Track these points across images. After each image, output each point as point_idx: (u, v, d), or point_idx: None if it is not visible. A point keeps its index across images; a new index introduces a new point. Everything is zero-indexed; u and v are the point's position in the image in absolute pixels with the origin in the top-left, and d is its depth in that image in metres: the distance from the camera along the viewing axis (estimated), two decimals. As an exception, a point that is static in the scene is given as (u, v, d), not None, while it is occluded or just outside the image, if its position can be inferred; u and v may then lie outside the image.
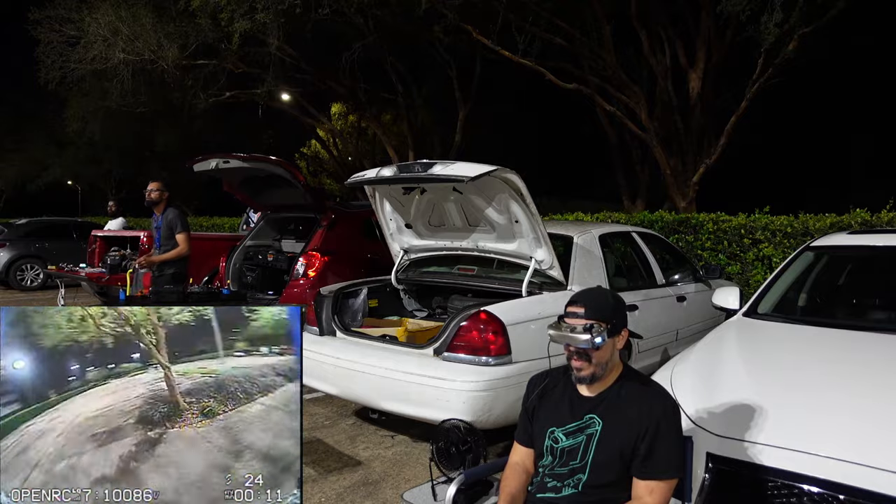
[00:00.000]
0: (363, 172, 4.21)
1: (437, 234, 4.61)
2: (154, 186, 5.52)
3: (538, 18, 11.35)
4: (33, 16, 13.85)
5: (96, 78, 14.66)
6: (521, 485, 2.04)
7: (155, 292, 5.11)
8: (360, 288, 4.76)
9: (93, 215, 22.68)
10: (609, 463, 1.90)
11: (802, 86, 13.47)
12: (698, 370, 2.70)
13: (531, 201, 3.82)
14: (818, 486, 1.92)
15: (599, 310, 1.92)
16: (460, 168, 3.59)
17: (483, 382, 3.45)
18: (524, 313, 3.73)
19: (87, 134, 19.02)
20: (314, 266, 6.19)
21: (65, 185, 33.76)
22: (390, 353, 3.89)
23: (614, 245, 4.96)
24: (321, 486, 3.52)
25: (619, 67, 11.61)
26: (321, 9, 10.80)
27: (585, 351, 1.90)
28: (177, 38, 12.98)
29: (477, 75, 15.62)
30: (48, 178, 27.95)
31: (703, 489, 2.11)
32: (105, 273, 7.84)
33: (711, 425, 2.23)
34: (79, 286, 8.67)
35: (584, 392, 2.00)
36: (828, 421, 2.14)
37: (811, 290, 3.69)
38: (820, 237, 4.06)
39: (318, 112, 18.40)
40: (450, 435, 2.38)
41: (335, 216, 6.60)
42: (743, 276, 7.13)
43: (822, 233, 6.08)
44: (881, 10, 11.33)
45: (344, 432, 4.42)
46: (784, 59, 9.35)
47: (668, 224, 7.82)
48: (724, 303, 3.65)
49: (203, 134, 19.84)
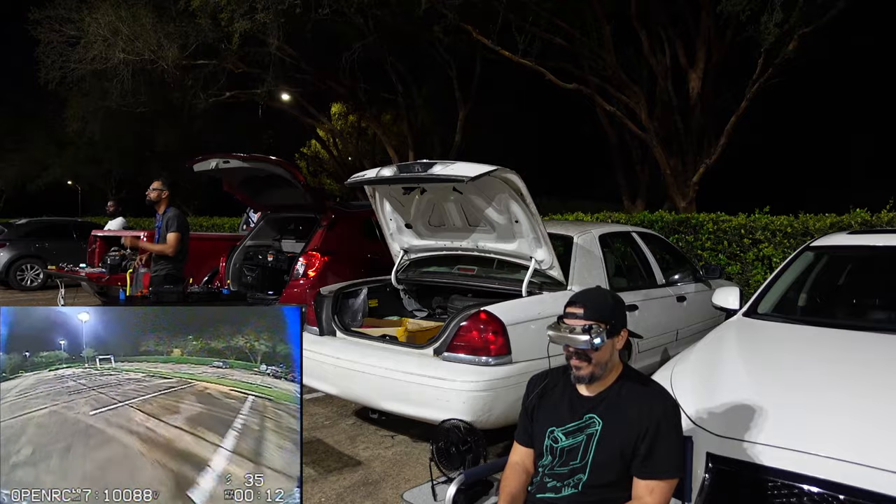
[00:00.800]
0: (363, 172, 4.21)
1: (437, 234, 4.61)
2: (154, 186, 5.50)
3: (538, 18, 11.35)
4: (33, 16, 13.86)
5: (96, 78, 14.67)
6: (521, 485, 2.04)
7: (155, 292, 5.10)
8: (360, 288, 4.75)
9: (93, 215, 22.67)
10: (609, 463, 1.89)
11: (802, 86, 13.47)
12: (698, 370, 2.70)
13: (531, 201, 3.82)
14: (818, 486, 1.92)
15: (598, 310, 1.92)
16: (460, 168, 3.59)
17: (483, 382, 3.45)
18: (524, 313, 3.73)
19: (87, 134, 19.03)
20: (314, 266, 6.19)
21: (65, 185, 33.76)
22: (390, 353, 3.89)
23: (614, 245, 4.96)
24: (321, 486, 3.52)
25: (619, 67, 11.62)
26: (321, 9, 10.80)
27: (585, 351, 1.90)
28: (177, 38, 12.98)
29: (477, 75, 15.63)
30: (48, 178, 27.95)
31: (703, 489, 2.11)
32: (105, 273, 7.83)
33: (711, 425, 2.23)
34: (79, 286, 8.67)
35: (584, 392, 2.00)
36: (828, 421, 2.14)
37: (811, 290, 3.69)
38: (820, 237, 4.06)
39: (318, 112, 18.41)
40: (450, 435, 2.38)
41: (335, 216, 6.60)
42: (743, 276, 7.13)
43: (822, 233, 6.08)
44: (881, 10, 11.33)
45: (344, 432, 4.42)
46: (784, 59, 9.35)
47: (668, 224, 7.82)
48: (724, 303, 3.65)
49: (203, 134, 19.84)
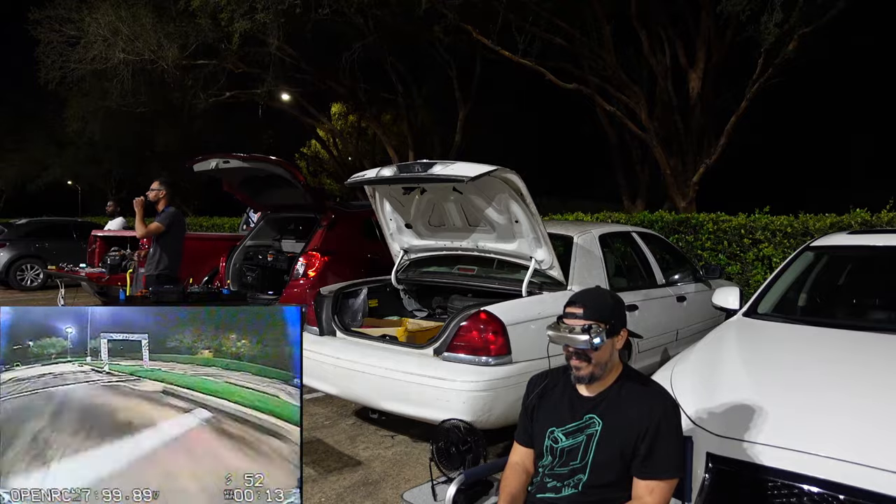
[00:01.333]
0: (363, 172, 4.21)
1: (437, 234, 4.61)
2: (152, 186, 5.55)
3: (538, 18, 11.35)
4: (33, 16, 13.85)
5: (96, 78, 14.66)
6: (521, 485, 2.04)
7: (155, 292, 5.10)
8: (360, 288, 4.75)
9: (93, 215, 22.67)
10: (609, 463, 1.90)
11: (802, 86, 13.46)
12: (698, 370, 2.70)
13: (531, 201, 3.82)
14: (818, 486, 1.92)
15: (598, 310, 1.92)
16: (460, 168, 3.59)
17: (483, 382, 3.45)
18: (524, 313, 3.73)
19: (87, 134, 19.02)
20: (314, 266, 6.19)
21: (65, 185, 33.75)
22: (390, 353, 3.89)
23: (614, 245, 4.96)
24: (321, 486, 3.52)
25: (619, 67, 11.61)
26: (321, 9, 10.80)
27: (584, 351, 1.90)
28: (177, 38, 12.98)
29: (477, 75, 15.62)
30: (48, 178, 27.95)
31: (703, 489, 2.11)
32: (105, 273, 7.84)
33: (711, 425, 2.23)
34: (79, 286, 8.67)
35: (584, 392, 2.00)
36: (828, 421, 2.14)
37: (811, 290, 3.69)
38: (820, 237, 4.06)
39: (318, 112, 18.41)
40: (450, 435, 2.38)
41: (335, 216, 6.60)
42: (743, 276, 7.13)
43: (822, 233, 6.08)
44: (881, 10, 11.33)
45: (344, 432, 4.42)
46: (784, 59, 9.35)
47: (668, 224, 7.82)
48: (724, 303, 3.65)
49: (203, 134, 19.84)
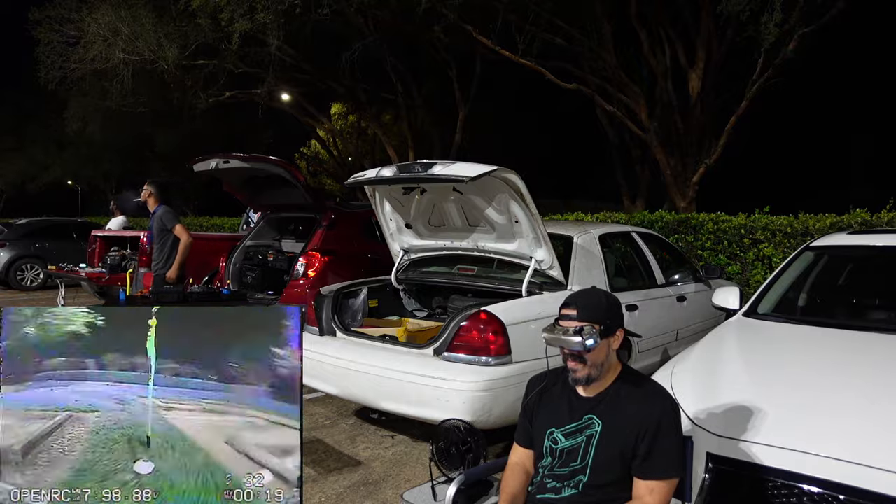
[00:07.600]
0: (363, 172, 4.21)
1: (437, 234, 4.61)
2: (143, 187, 5.59)
3: (538, 18, 11.34)
4: (33, 16, 13.88)
5: (96, 78, 14.65)
6: (521, 485, 2.04)
7: (155, 292, 5.11)
8: (360, 288, 4.75)
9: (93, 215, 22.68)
10: (609, 463, 1.89)
11: (802, 86, 13.47)
12: (698, 370, 2.70)
13: (531, 201, 3.81)
14: (818, 486, 1.92)
15: (592, 311, 1.91)
16: (460, 168, 3.59)
17: (483, 382, 3.45)
18: (524, 313, 3.73)
19: (87, 134, 19.04)
20: (314, 266, 6.19)
21: (65, 185, 33.76)
22: (390, 353, 3.89)
23: (614, 245, 4.96)
24: (321, 486, 3.52)
25: (619, 67, 11.62)
26: (321, 9, 10.79)
27: (579, 353, 1.90)
28: (177, 38, 12.97)
29: (477, 75, 15.62)
30: (48, 178, 27.99)
31: (703, 489, 2.11)
32: (105, 273, 7.85)
33: (711, 425, 2.23)
34: (79, 286, 8.67)
35: (583, 393, 1.99)
36: (828, 421, 2.14)
37: (811, 290, 3.69)
38: (820, 237, 4.06)
39: (318, 112, 18.41)
40: (450, 435, 2.38)
41: (335, 216, 6.59)
42: (743, 276, 7.13)
43: (822, 233, 6.08)
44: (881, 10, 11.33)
45: (344, 432, 4.42)
46: (784, 59, 9.35)
47: (668, 224, 7.83)
48: (724, 303, 3.65)
49: (203, 134, 19.84)
